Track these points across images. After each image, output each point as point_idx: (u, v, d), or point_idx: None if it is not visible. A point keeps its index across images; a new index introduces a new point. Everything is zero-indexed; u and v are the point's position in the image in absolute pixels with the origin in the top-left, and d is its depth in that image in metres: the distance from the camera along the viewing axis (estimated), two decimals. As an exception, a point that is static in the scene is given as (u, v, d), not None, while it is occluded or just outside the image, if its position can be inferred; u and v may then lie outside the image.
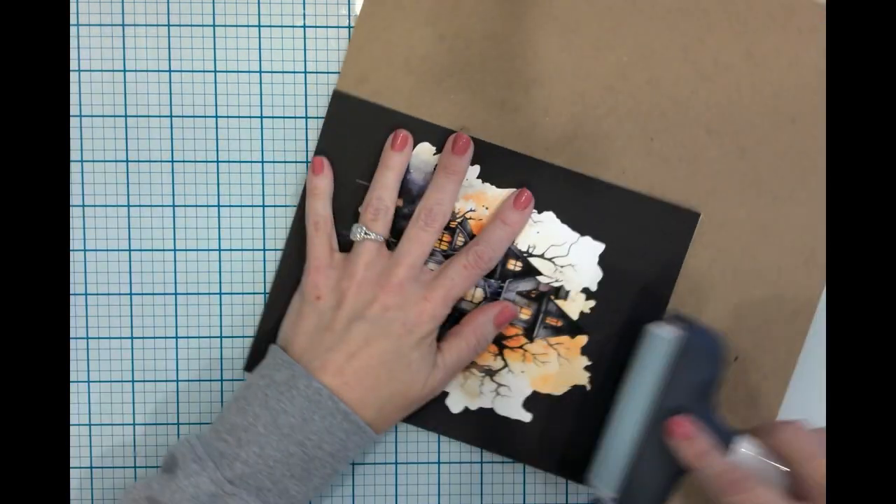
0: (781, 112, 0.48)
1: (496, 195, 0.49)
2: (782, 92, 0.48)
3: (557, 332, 0.49)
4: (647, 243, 0.48)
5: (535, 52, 0.48)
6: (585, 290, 0.49)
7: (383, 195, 0.47)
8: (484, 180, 0.49)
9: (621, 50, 0.48)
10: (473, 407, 0.50)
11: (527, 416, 0.50)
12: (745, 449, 0.42)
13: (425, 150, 0.48)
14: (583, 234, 0.49)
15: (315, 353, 0.45)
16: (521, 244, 0.49)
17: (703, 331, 0.44)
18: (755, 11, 0.48)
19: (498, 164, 0.48)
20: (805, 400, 0.49)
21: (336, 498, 0.51)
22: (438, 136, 0.48)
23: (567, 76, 0.48)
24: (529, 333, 0.49)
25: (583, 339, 0.49)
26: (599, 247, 0.49)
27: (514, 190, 0.48)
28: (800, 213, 0.48)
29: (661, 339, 0.44)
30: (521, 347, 0.49)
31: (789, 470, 0.40)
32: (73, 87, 0.49)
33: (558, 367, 0.49)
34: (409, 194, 0.49)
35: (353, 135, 0.49)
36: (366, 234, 0.46)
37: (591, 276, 0.49)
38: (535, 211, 0.49)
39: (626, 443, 0.44)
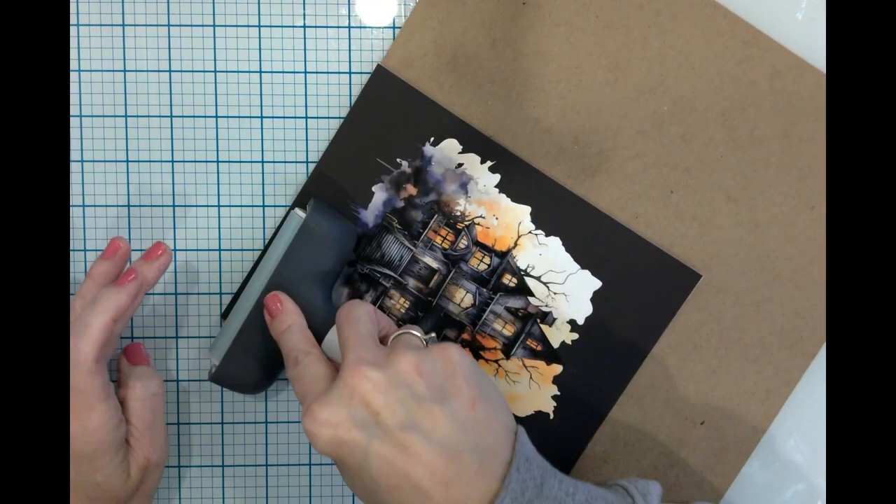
0: (802, 196, 0.48)
1: (509, 207, 0.49)
2: (808, 177, 0.48)
3: (535, 355, 0.49)
4: (642, 292, 0.49)
5: (579, 80, 0.48)
6: (572, 322, 0.49)
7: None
8: (501, 190, 0.49)
9: (664, 99, 0.48)
10: None
11: None
12: (334, 337, 0.44)
13: (451, 146, 0.49)
14: (583, 266, 0.49)
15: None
16: (522, 262, 0.49)
17: (334, 217, 0.46)
18: (801, 95, 0.48)
19: (518, 178, 0.49)
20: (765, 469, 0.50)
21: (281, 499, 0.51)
22: (467, 137, 0.49)
23: (605, 111, 0.48)
24: (507, 350, 0.49)
25: (557, 369, 0.49)
26: (596, 283, 0.49)
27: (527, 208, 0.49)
28: (798, 298, 0.48)
29: (292, 217, 0.46)
30: (496, 362, 0.50)
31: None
32: (73, 87, 0.49)
33: (528, 389, 0.49)
34: (425, 185, 0.49)
35: (385, 113, 0.49)
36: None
37: (582, 309, 0.49)
38: (542, 233, 0.49)
39: (239, 317, 0.46)
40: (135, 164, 0.50)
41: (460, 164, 0.49)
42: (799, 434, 0.50)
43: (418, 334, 0.43)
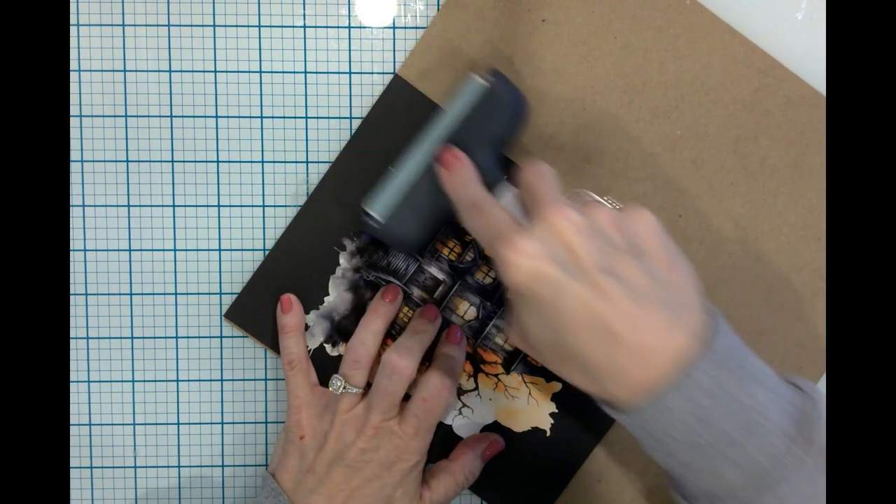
0: (810, 227, 0.48)
1: None
2: (816, 208, 0.48)
3: (535, 371, 0.50)
4: None
5: (594, 100, 0.48)
6: None
7: (367, 339, 0.48)
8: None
9: (678, 123, 0.48)
10: None
11: None
12: (506, 192, 0.43)
13: None
14: None
15: (299, 494, 0.46)
16: None
17: (512, 88, 0.45)
18: (813, 127, 0.48)
19: None
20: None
21: None
22: None
23: (619, 133, 0.48)
24: (508, 365, 0.49)
25: (556, 386, 0.49)
26: None
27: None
28: (800, 328, 0.48)
29: (469, 83, 0.45)
30: (496, 376, 0.50)
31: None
32: (73, 87, 0.49)
33: (526, 405, 0.50)
34: None
35: (400, 122, 0.49)
36: (345, 388, 0.47)
37: None
38: None
39: (407, 174, 0.45)
40: (135, 164, 0.50)
41: None
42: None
43: (609, 201, 0.42)
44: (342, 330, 0.49)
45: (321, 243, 0.49)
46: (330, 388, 0.47)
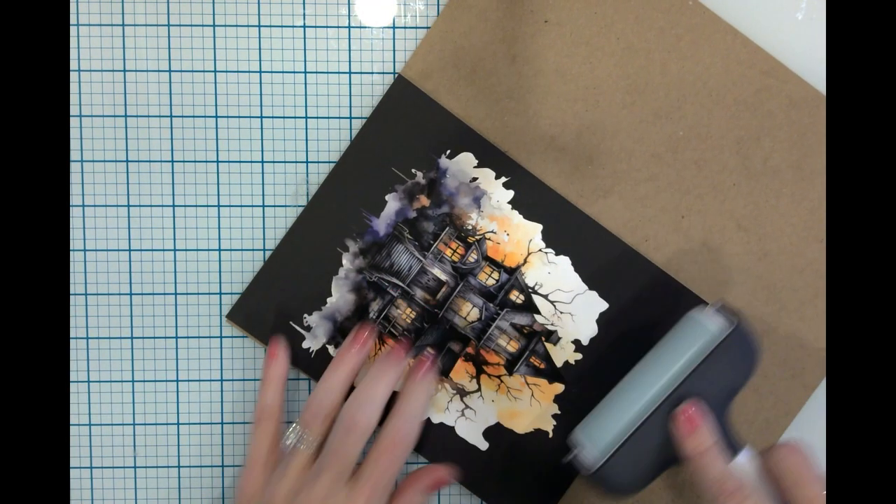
0: (812, 228, 0.48)
1: (520, 224, 0.49)
2: (818, 209, 0.48)
3: (538, 373, 0.49)
4: (648, 317, 0.49)
5: (597, 100, 0.48)
6: (576, 342, 0.49)
7: (328, 396, 0.46)
8: (514, 207, 0.49)
9: (680, 124, 0.48)
10: (435, 420, 0.50)
11: (484, 445, 0.50)
12: (745, 460, 0.41)
13: (467, 160, 0.49)
14: (591, 287, 0.49)
15: None
16: (530, 279, 0.49)
17: (748, 332, 0.43)
18: (816, 128, 0.48)
19: (531, 195, 0.49)
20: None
21: None
22: (483, 151, 0.48)
23: (621, 133, 0.48)
24: (510, 367, 0.49)
25: (559, 388, 0.49)
26: (603, 305, 0.49)
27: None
28: (801, 329, 0.48)
29: (703, 324, 0.43)
30: (498, 377, 0.50)
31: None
32: (73, 87, 0.49)
33: (529, 406, 0.49)
34: (439, 197, 0.49)
35: (402, 122, 0.49)
36: (299, 440, 0.45)
37: (587, 330, 0.49)
38: (552, 251, 0.49)
39: (629, 414, 0.43)
40: (135, 164, 0.50)
41: (475, 179, 0.49)
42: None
43: None
44: (345, 331, 0.49)
45: (324, 244, 0.49)
46: (285, 440, 0.46)
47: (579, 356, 0.49)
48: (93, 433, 0.51)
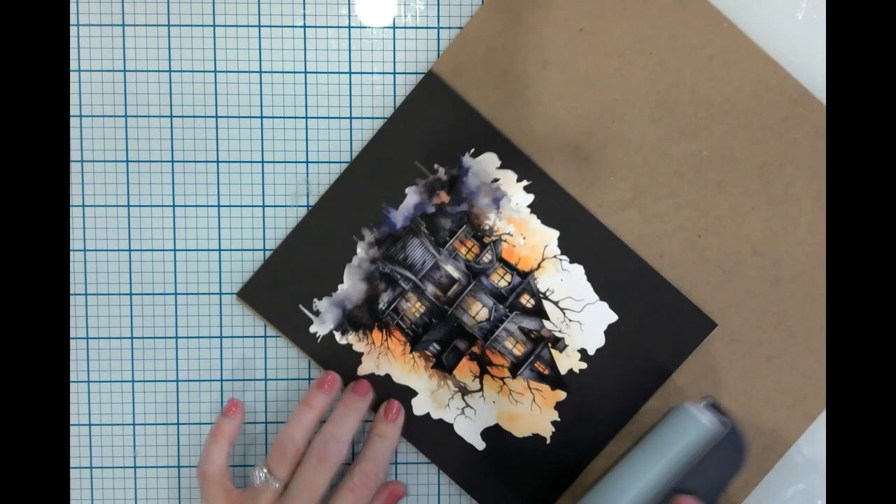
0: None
1: (537, 229, 0.49)
2: None
3: (541, 378, 0.49)
4: (657, 332, 0.49)
5: (624, 112, 0.48)
6: (582, 352, 0.49)
7: (296, 435, 0.46)
8: (532, 211, 0.49)
9: (705, 143, 0.48)
10: (435, 416, 0.50)
11: (481, 445, 0.50)
12: None
13: (490, 160, 0.49)
14: (602, 298, 0.49)
15: None
16: (542, 285, 0.49)
17: (738, 431, 0.44)
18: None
19: (551, 201, 0.49)
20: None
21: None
22: (507, 153, 0.49)
23: (646, 148, 0.48)
24: (515, 370, 0.49)
25: (560, 395, 0.49)
26: (612, 317, 0.49)
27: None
28: (807, 358, 0.48)
29: (698, 422, 0.44)
30: (502, 379, 0.50)
31: None
32: (73, 87, 0.49)
33: (529, 411, 0.50)
34: (459, 195, 0.49)
35: (429, 117, 0.49)
36: (266, 479, 0.46)
37: (594, 340, 0.49)
38: (567, 259, 0.49)
39: None
40: (135, 164, 0.50)
41: (496, 180, 0.49)
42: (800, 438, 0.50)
43: None
44: (353, 319, 0.49)
45: (340, 231, 0.49)
46: (253, 479, 0.46)
47: (584, 365, 0.49)
48: (93, 433, 0.51)
